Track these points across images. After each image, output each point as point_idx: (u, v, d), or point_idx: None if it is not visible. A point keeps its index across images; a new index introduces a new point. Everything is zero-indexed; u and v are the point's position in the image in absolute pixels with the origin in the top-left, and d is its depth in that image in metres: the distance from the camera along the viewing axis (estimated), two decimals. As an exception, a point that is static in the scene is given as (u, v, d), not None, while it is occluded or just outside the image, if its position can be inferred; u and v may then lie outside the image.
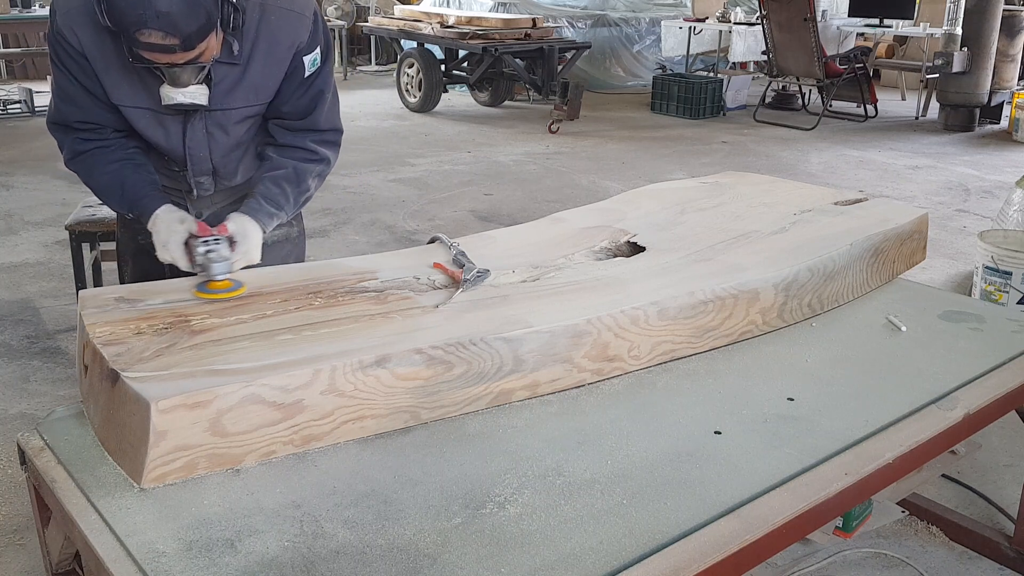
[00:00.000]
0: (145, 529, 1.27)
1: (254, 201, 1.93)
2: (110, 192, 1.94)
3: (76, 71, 1.83)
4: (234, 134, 1.99)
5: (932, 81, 8.27)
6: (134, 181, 1.90)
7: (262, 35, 1.85)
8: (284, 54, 1.89)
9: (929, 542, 2.38)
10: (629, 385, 1.73)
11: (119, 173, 1.91)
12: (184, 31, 1.62)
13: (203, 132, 1.95)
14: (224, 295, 1.72)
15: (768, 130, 8.14)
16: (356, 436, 1.51)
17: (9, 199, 5.54)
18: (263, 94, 1.94)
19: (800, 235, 2.16)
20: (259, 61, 1.87)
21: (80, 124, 1.90)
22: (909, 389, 1.75)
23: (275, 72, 1.91)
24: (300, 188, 2.00)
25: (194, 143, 1.96)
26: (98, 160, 1.92)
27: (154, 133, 1.93)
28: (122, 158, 1.92)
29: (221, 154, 2.01)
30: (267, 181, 1.96)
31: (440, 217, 5.36)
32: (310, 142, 2.02)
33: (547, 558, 1.24)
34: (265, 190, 1.95)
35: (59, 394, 3.14)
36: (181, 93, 1.77)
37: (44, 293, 4.07)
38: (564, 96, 7.66)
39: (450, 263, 1.91)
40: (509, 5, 9.93)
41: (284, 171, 1.98)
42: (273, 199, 1.94)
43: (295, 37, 1.88)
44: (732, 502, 1.38)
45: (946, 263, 4.58)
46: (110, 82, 1.84)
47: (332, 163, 2.08)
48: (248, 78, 1.88)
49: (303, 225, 2.33)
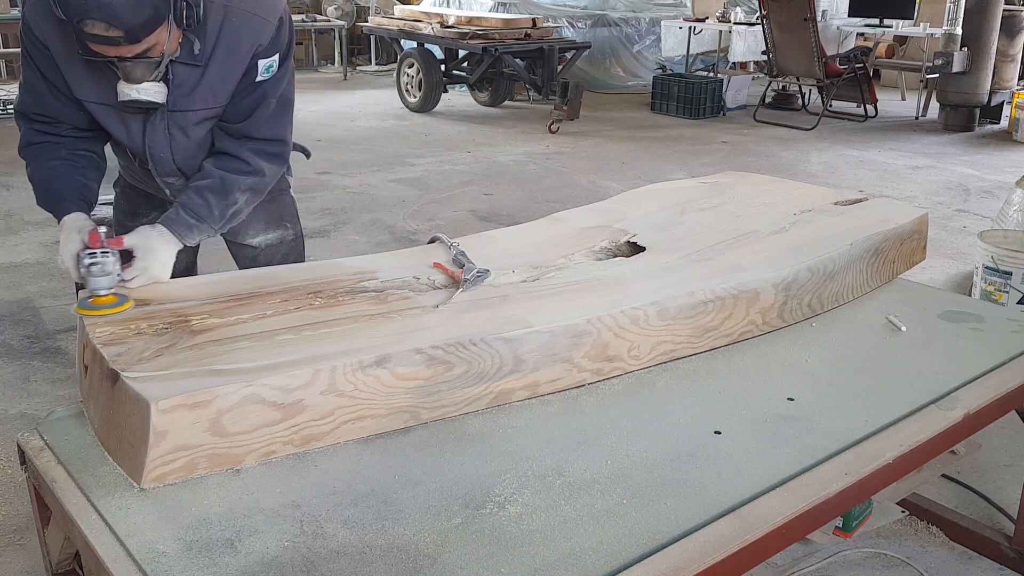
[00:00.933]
0: (145, 529, 1.27)
1: (172, 211, 1.89)
2: (38, 188, 1.92)
3: (40, 62, 1.84)
4: (194, 136, 1.96)
5: (932, 81, 8.27)
6: (62, 182, 1.89)
7: (223, 37, 1.83)
8: (243, 56, 1.87)
9: (929, 542, 2.38)
10: (629, 385, 1.73)
11: (53, 171, 1.90)
12: (127, 23, 1.60)
13: (164, 132, 1.93)
14: (105, 311, 1.61)
15: (768, 130, 8.14)
16: (356, 436, 1.51)
17: (9, 199, 5.54)
18: (221, 97, 1.91)
19: (800, 235, 2.16)
20: (218, 63, 1.85)
21: (37, 115, 1.90)
22: (909, 389, 1.75)
23: (233, 74, 1.88)
24: (227, 201, 1.94)
25: (155, 143, 1.95)
26: (42, 154, 1.92)
27: (117, 130, 1.93)
28: (64, 157, 1.91)
29: (183, 155, 1.99)
30: (191, 191, 1.92)
31: (440, 217, 5.36)
32: (246, 151, 1.96)
33: (547, 558, 1.24)
34: (187, 200, 1.90)
35: (59, 394, 3.14)
36: (136, 90, 1.75)
37: (44, 293, 4.07)
38: (564, 96, 7.66)
39: (450, 263, 1.91)
40: (509, 5, 9.94)
41: (210, 181, 1.93)
42: (194, 210, 1.89)
43: (255, 40, 1.86)
44: (732, 502, 1.38)
45: (946, 263, 4.58)
46: (72, 76, 1.83)
47: (267, 176, 2.00)
48: (207, 80, 1.86)
49: (300, 228, 2.32)
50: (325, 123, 7.96)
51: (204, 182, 1.93)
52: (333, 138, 7.20)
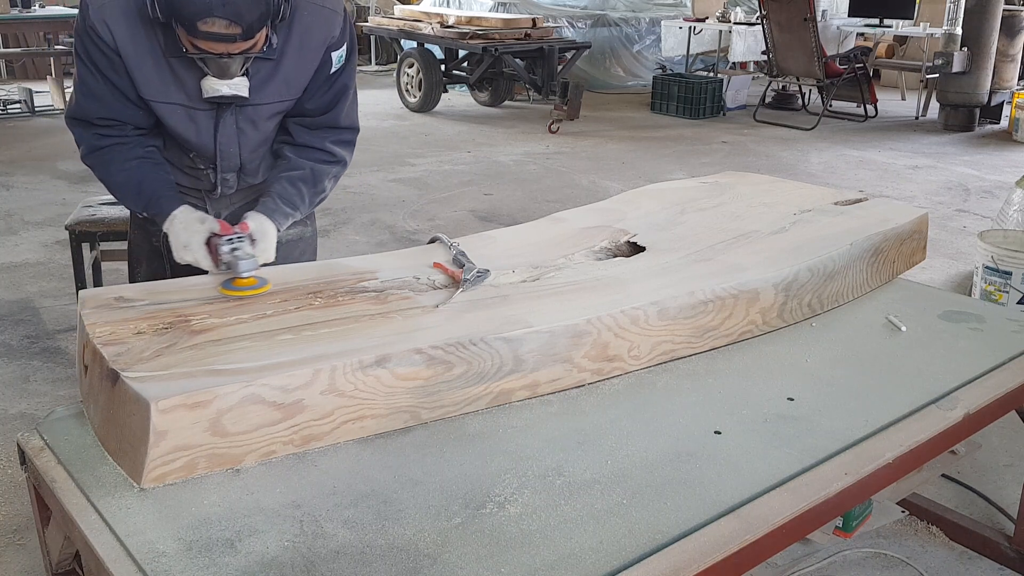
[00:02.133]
0: (145, 529, 1.27)
1: (271, 200, 1.94)
2: (126, 190, 1.93)
3: (104, 66, 1.83)
4: (263, 129, 2.00)
5: (932, 81, 8.27)
6: (152, 180, 1.90)
7: (295, 30, 1.86)
8: (316, 49, 1.90)
9: (929, 542, 2.38)
10: (629, 385, 1.73)
11: (137, 171, 1.91)
12: (247, 19, 1.63)
13: (233, 127, 1.96)
14: (251, 291, 1.72)
15: (768, 130, 8.14)
16: (356, 436, 1.51)
17: (9, 199, 5.54)
18: (294, 89, 1.95)
19: (800, 235, 2.16)
20: (292, 56, 1.88)
21: (101, 120, 1.90)
22: (909, 389, 1.75)
23: (307, 67, 1.92)
24: (316, 189, 2.02)
25: (225, 138, 1.97)
26: (116, 157, 1.91)
27: (185, 129, 1.93)
28: (140, 156, 1.92)
29: (250, 149, 2.02)
30: (284, 181, 1.97)
31: (440, 217, 5.36)
32: (328, 143, 2.02)
33: (547, 558, 1.24)
34: (282, 190, 1.96)
35: (59, 394, 3.14)
36: (226, 85, 1.78)
37: (44, 293, 4.07)
38: (564, 96, 7.66)
39: (450, 263, 1.91)
40: (509, 5, 9.93)
41: (301, 172, 1.99)
42: (289, 199, 1.95)
43: (327, 32, 1.90)
44: (732, 502, 1.38)
45: (946, 263, 4.58)
46: (142, 77, 1.84)
47: (347, 164, 2.09)
48: (281, 72, 1.89)
49: (316, 225, 2.34)
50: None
51: (296, 172, 1.99)
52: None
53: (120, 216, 3.32)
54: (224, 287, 1.73)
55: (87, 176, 5.99)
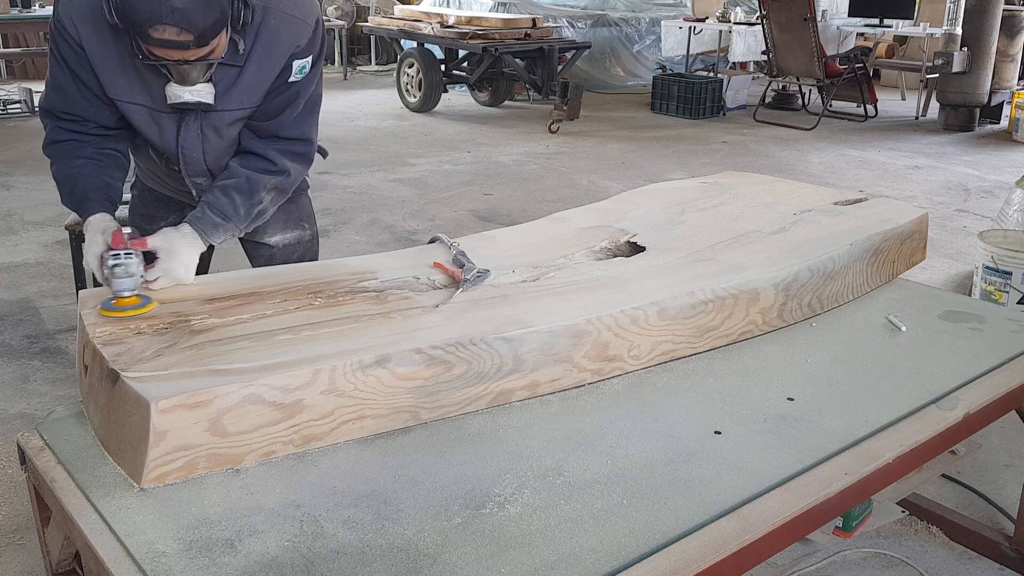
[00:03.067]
0: (145, 529, 1.27)
1: (199, 210, 1.90)
2: (63, 186, 1.92)
3: (71, 61, 1.83)
4: (227, 136, 1.97)
5: (932, 81, 8.27)
6: (87, 182, 1.88)
7: (261, 38, 1.84)
8: (280, 57, 1.88)
9: (929, 542, 2.38)
10: (629, 385, 1.73)
11: (78, 170, 1.90)
12: (199, 27, 1.61)
13: (197, 133, 1.94)
14: (128, 312, 1.61)
15: (768, 130, 8.14)
16: (356, 436, 1.51)
17: (9, 199, 5.54)
18: (256, 96, 1.92)
19: (800, 235, 2.16)
20: (255, 63, 1.86)
21: (63, 114, 1.90)
22: (909, 389, 1.75)
23: (269, 75, 1.89)
24: (252, 200, 1.95)
25: (188, 143, 1.95)
26: (66, 153, 1.91)
27: (149, 131, 1.93)
28: (89, 156, 1.91)
29: (215, 155, 2.00)
30: (217, 190, 1.93)
31: (440, 217, 5.36)
32: (272, 150, 1.97)
33: (547, 558, 1.24)
34: (213, 199, 1.91)
35: (59, 394, 3.14)
36: (188, 92, 1.76)
37: (44, 293, 4.07)
38: (564, 96, 7.65)
39: (450, 263, 1.91)
40: (509, 5, 9.93)
41: (236, 180, 1.94)
42: (220, 209, 1.90)
43: (292, 41, 1.87)
44: (732, 502, 1.38)
45: (946, 263, 4.58)
46: (107, 77, 1.83)
47: (293, 176, 2.02)
48: (244, 80, 1.87)
49: (316, 228, 2.33)
50: (325, 123, 7.86)
51: (230, 181, 1.94)
52: (333, 138, 7.18)
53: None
54: (102, 307, 1.63)
55: (87, 176, 6.00)
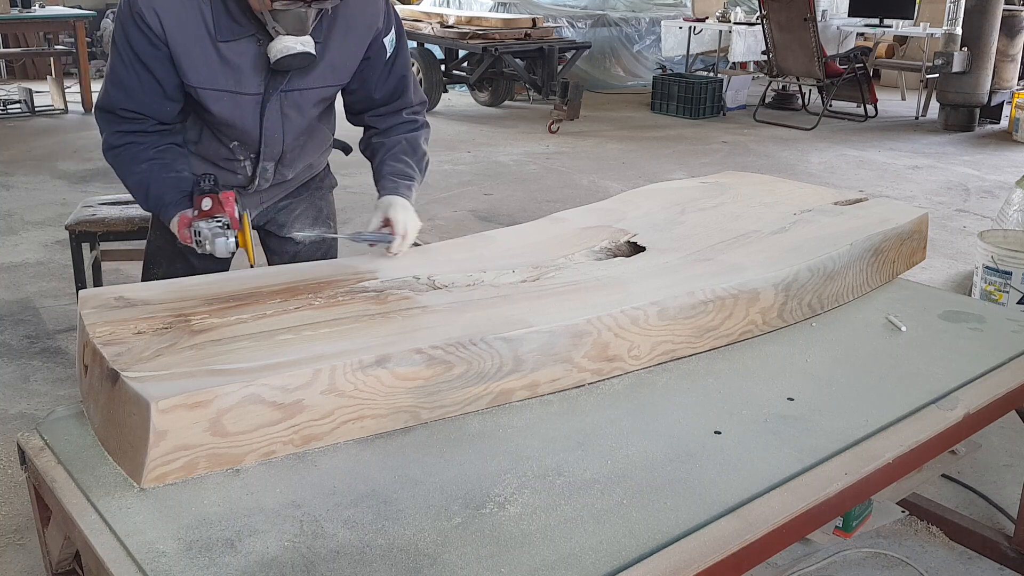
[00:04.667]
0: (145, 529, 1.27)
1: (389, 183, 2.04)
2: (136, 194, 1.98)
3: (146, 55, 1.85)
4: (308, 115, 2.05)
5: (932, 81, 8.27)
6: (158, 184, 1.93)
7: (340, 16, 1.93)
8: (361, 36, 1.99)
9: (929, 542, 2.38)
10: (629, 385, 1.73)
11: (145, 175, 1.94)
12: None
13: (278, 113, 1.99)
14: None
15: (768, 130, 8.14)
16: (356, 436, 1.51)
17: (9, 199, 5.54)
18: (341, 74, 2.01)
19: (800, 235, 2.16)
20: (337, 41, 1.95)
21: (124, 112, 1.92)
22: (909, 389, 1.75)
23: (353, 53, 2.00)
24: (418, 155, 2.13)
25: (270, 123, 2.00)
26: (130, 160, 1.95)
27: (231, 115, 1.96)
28: (151, 158, 1.94)
29: (293, 136, 2.06)
30: (389, 160, 2.09)
31: (440, 217, 5.36)
32: (405, 113, 2.14)
33: (547, 558, 1.24)
34: (391, 169, 2.07)
35: (59, 394, 3.14)
36: (300, 43, 1.82)
37: (44, 293, 4.07)
38: (564, 96, 7.65)
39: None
40: (509, 5, 9.93)
41: (399, 146, 2.11)
42: (404, 174, 2.07)
43: (371, 20, 1.99)
44: (732, 502, 1.38)
45: (946, 263, 4.58)
46: (189, 64, 1.86)
47: (431, 127, 2.21)
48: (327, 58, 1.95)
49: (337, 227, 2.39)
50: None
51: (393, 150, 2.10)
52: (333, 138, 7.20)
53: (120, 216, 3.33)
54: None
55: (87, 176, 6.01)
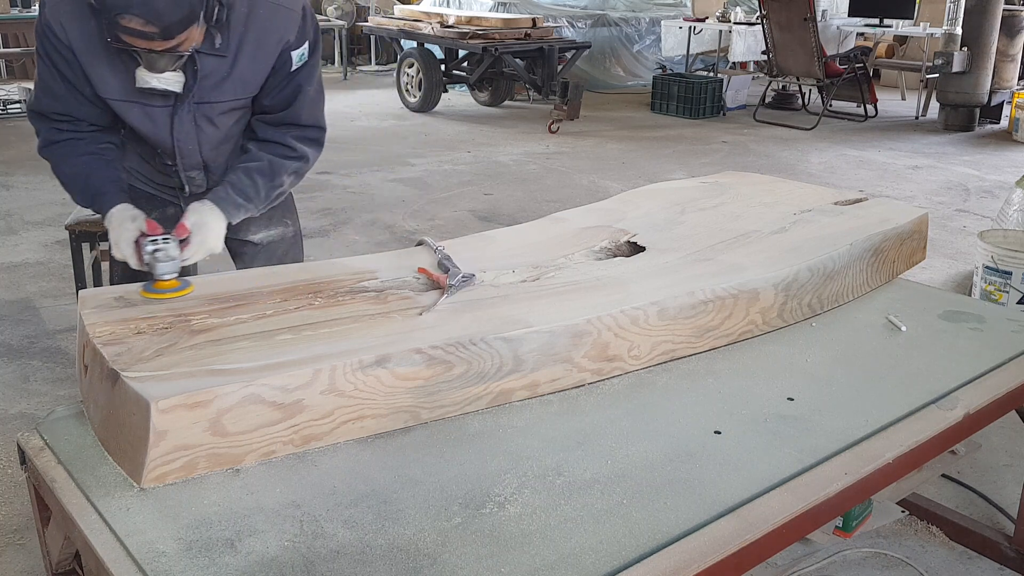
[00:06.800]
0: (145, 529, 1.27)
1: (222, 190, 1.95)
2: (74, 184, 1.95)
3: (60, 63, 1.85)
4: (222, 126, 2.00)
5: (932, 81, 8.27)
6: (98, 176, 1.92)
7: (251, 29, 1.86)
8: (272, 49, 1.91)
9: (929, 542, 2.38)
10: (629, 385, 1.73)
11: (86, 166, 1.93)
12: (165, 20, 1.64)
13: (191, 124, 1.96)
14: (169, 295, 1.71)
15: (768, 130, 8.14)
16: (356, 436, 1.51)
17: (9, 199, 5.54)
18: (250, 87, 1.95)
19: (800, 235, 2.16)
20: (247, 55, 1.89)
21: (56, 115, 1.92)
22: (909, 389, 1.75)
23: (262, 66, 1.92)
24: (273, 183, 2.01)
25: (182, 135, 1.97)
26: (68, 151, 1.94)
27: (143, 125, 1.95)
28: (91, 151, 1.94)
29: (210, 147, 2.03)
30: (240, 171, 1.98)
31: (440, 217, 5.36)
32: (290, 137, 2.02)
33: (547, 558, 1.24)
34: (236, 180, 1.96)
35: (59, 394, 3.14)
36: (156, 79, 1.79)
37: (44, 293, 4.07)
38: (564, 96, 7.65)
39: (435, 267, 1.90)
40: (509, 5, 9.93)
41: (258, 164, 1.99)
42: (242, 190, 1.95)
43: (283, 32, 1.91)
44: (732, 502, 1.38)
45: (946, 263, 4.58)
46: (97, 76, 1.85)
47: (311, 161, 2.07)
48: (236, 71, 1.90)
49: (299, 225, 2.34)
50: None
51: (253, 164, 1.99)
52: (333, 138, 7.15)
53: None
54: (144, 289, 1.72)
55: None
